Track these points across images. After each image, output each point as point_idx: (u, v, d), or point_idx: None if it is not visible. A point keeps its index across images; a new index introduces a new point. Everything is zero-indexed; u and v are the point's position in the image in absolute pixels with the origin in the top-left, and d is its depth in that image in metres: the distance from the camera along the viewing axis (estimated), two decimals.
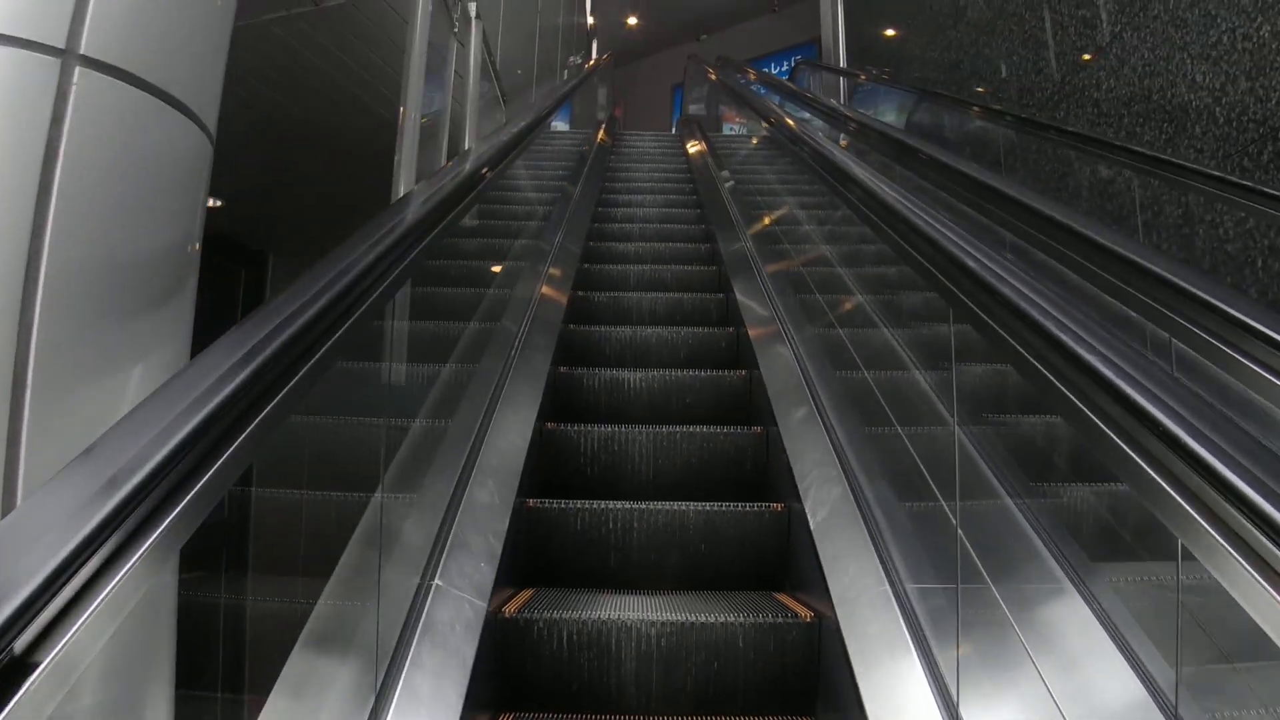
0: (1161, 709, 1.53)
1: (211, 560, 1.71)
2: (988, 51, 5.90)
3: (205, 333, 1.43)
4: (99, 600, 0.79)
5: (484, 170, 2.74)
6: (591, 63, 10.94)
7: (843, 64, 9.67)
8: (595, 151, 7.27)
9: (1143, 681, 1.58)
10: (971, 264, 1.60)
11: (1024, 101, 5.25)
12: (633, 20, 16.81)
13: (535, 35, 9.41)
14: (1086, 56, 4.58)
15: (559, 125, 8.86)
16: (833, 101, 6.88)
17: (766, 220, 4.81)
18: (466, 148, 5.04)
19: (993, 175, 2.91)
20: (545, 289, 3.83)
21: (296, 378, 1.20)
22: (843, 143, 4.79)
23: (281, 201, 7.74)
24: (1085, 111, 4.53)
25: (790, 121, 4.17)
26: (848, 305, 3.56)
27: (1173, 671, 1.55)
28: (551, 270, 4.09)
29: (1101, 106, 4.39)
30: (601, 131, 8.40)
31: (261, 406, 1.10)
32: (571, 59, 11.40)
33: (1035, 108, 5.09)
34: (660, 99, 17.18)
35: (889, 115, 6.92)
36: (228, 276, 8.80)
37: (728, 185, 5.89)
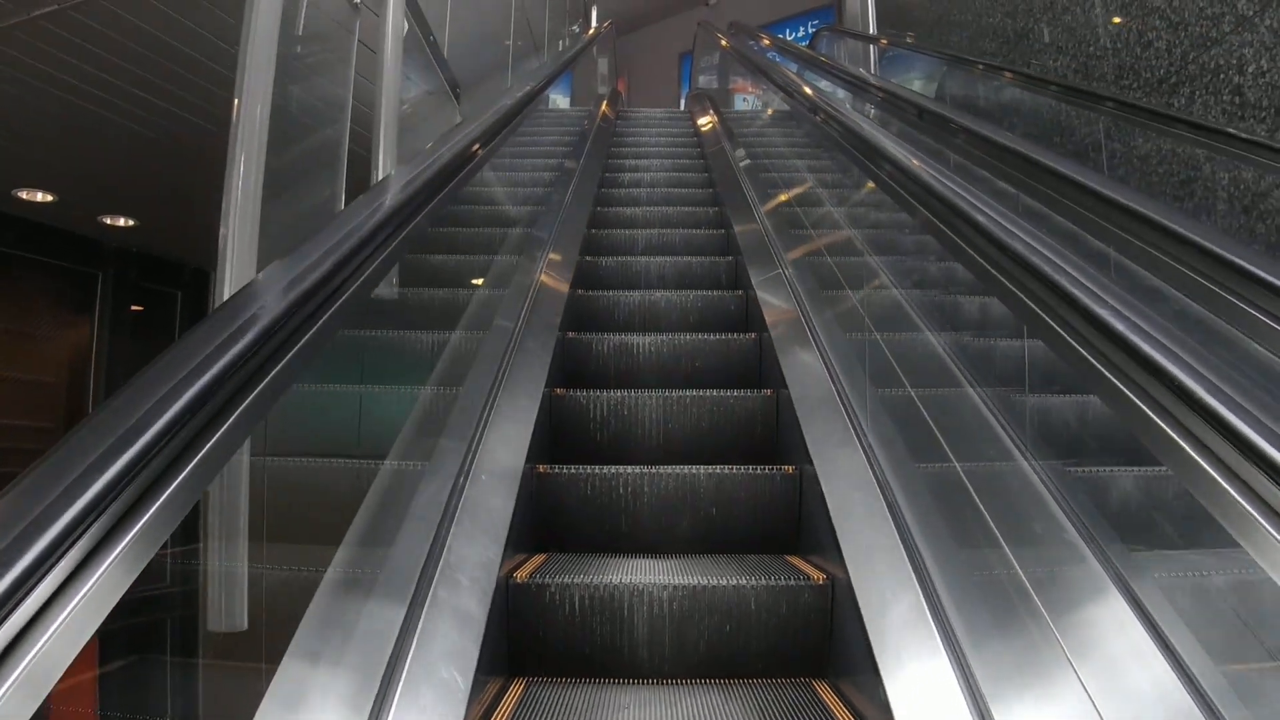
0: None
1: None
2: (1068, 19, 4.68)
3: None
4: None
5: (376, 242, 1.75)
6: (590, 31, 9.81)
7: (872, 30, 8.35)
8: (595, 132, 6.68)
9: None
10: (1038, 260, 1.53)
11: (1124, 83, 4.14)
12: None
13: (512, 2, 7.37)
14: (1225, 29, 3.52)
15: (559, 102, 8.10)
16: (879, 80, 5.44)
17: (799, 219, 4.13)
18: (384, 175, 3.24)
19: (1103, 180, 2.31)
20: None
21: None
22: (871, 114, 4.41)
23: (216, 211, 6.53)
24: (1219, 100, 3.52)
25: (824, 100, 3.67)
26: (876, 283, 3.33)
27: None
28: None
29: (1246, 95, 3.40)
30: (603, 108, 7.94)
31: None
32: (570, 28, 9.95)
33: (1141, 90, 4.00)
34: (667, 69, 16.31)
35: (929, 92, 5.91)
36: (162, 301, 7.58)
37: (743, 164, 5.41)
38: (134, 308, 7.36)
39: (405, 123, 4.04)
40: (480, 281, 3.65)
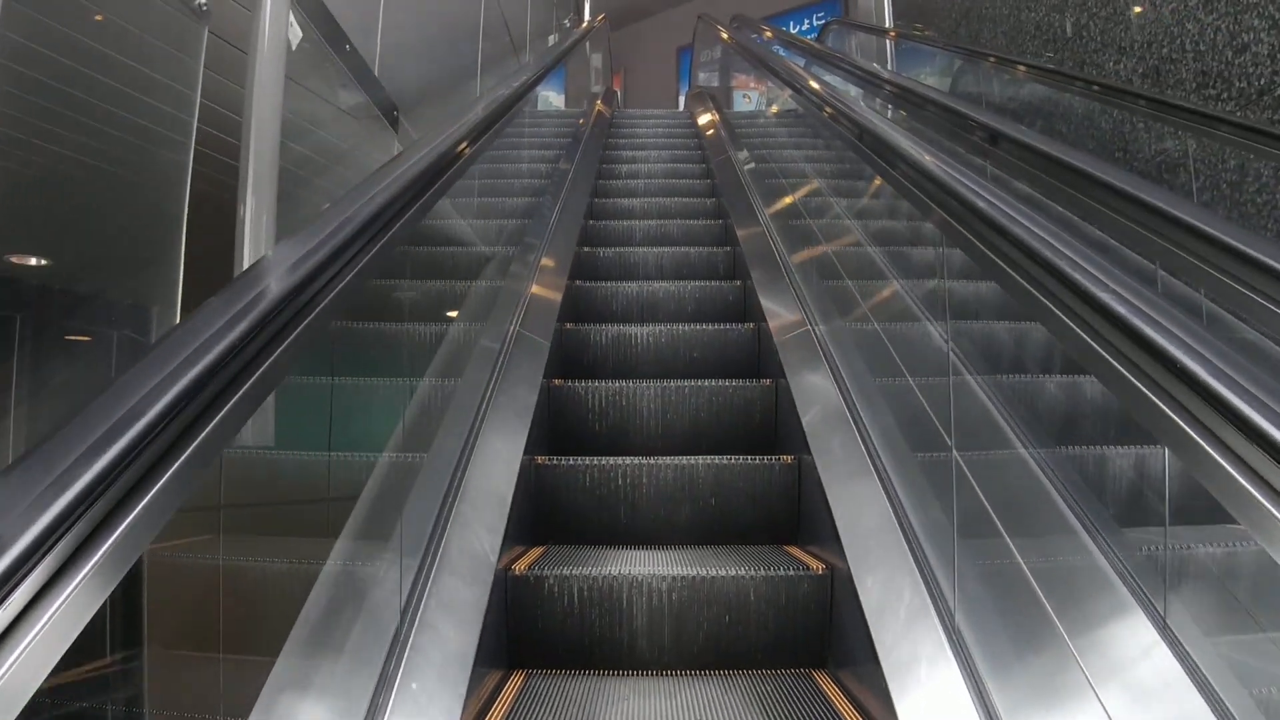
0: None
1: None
2: (1134, 14, 3.95)
3: None
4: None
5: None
6: (583, 25, 8.78)
7: (887, 23, 7.63)
8: (589, 135, 6.21)
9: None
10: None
11: (1209, 92, 3.48)
12: None
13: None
14: None
15: (553, 99, 7.01)
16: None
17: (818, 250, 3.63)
18: (257, 260, 1.65)
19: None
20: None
21: None
22: (889, 113, 4.02)
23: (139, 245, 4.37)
24: None
25: (870, 122, 2.71)
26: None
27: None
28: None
29: None
30: (597, 107, 7.57)
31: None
32: (561, 23, 8.94)
33: (1234, 102, 3.35)
34: (664, 64, 15.73)
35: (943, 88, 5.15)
36: (94, 342, 6.23)
37: (747, 168, 5.02)
38: (68, 338, 6.60)
39: (316, 162, 3.26)
40: (455, 314, 3.20)
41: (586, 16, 11.87)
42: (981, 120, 2.84)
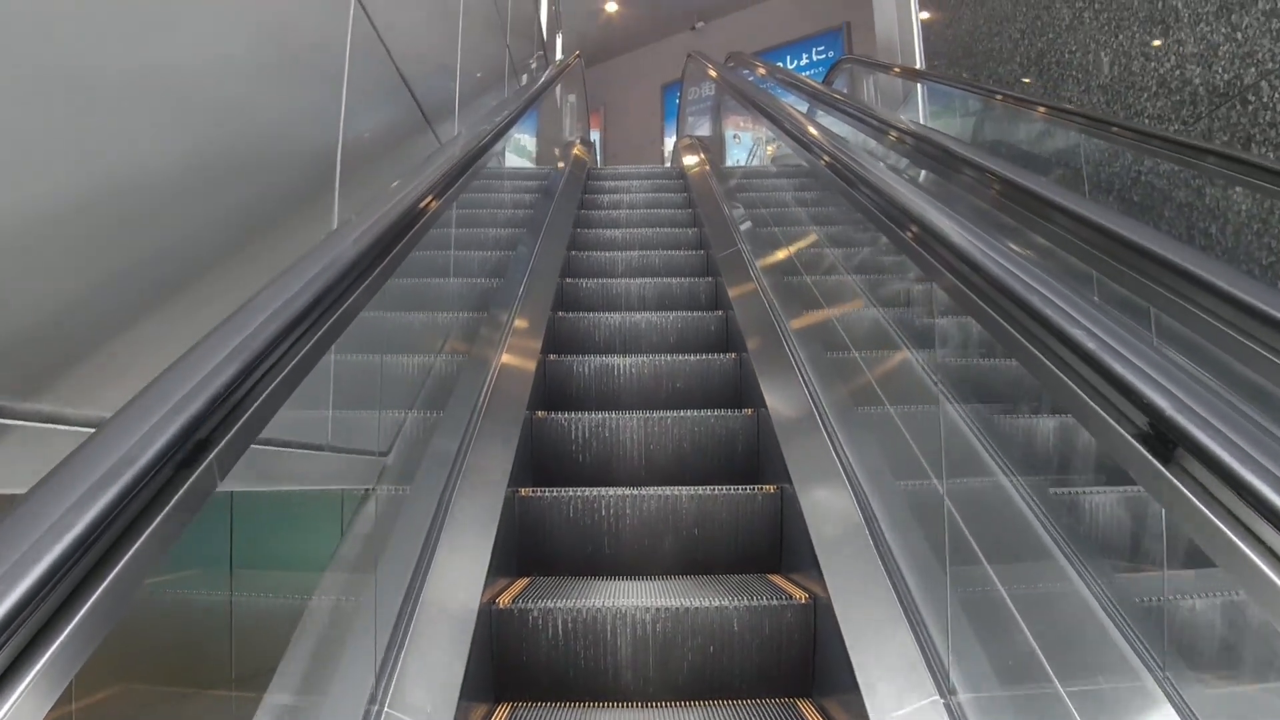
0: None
1: None
2: None
3: None
4: None
5: None
6: (553, 68, 7.06)
7: (919, 64, 6.23)
8: (561, 190, 5.51)
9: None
10: None
11: None
12: (612, 6, 13.50)
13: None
14: None
15: (525, 141, 5.68)
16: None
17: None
18: None
19: None
20: None
21: None
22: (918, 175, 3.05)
23: None
24: None
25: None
26: None
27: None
28: None
29: None
30: (574, 152, 6.88)
31: None
32: (527, 62, 7.25)
33: None
34: (648, 102, 14.66)
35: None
36: None
37: (744, 227, 4.32)
38: None
39: None
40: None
41: (559, 54, 9.86)
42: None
